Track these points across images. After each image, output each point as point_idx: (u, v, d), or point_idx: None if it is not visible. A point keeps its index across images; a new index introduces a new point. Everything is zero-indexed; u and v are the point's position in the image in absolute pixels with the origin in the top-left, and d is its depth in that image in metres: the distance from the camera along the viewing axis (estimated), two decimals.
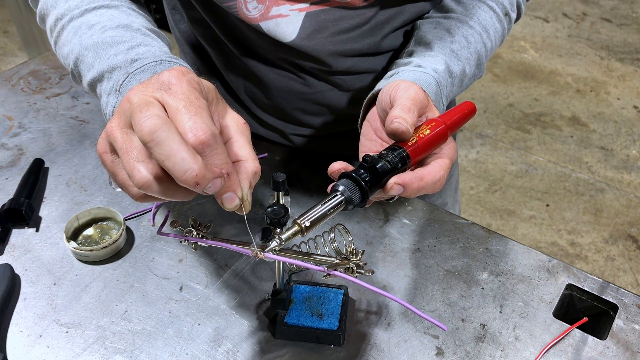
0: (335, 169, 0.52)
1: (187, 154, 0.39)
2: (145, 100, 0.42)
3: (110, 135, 0.43)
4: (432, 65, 0.65)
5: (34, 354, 0.62)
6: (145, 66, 0.53)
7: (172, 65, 0.53)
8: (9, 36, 3.24)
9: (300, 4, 0.69)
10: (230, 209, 0.43)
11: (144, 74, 0.52)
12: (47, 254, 0.73)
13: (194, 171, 0.39)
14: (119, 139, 0.42)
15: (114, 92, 0.54)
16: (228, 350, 0.63)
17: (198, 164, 0.39)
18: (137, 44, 0.56)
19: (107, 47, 0.57)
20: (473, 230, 0.79)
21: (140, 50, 0.56)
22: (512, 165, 2.51)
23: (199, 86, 0.45)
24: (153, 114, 0.40)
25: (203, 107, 0.42)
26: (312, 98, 0.80)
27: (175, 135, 0.39)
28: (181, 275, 0.71)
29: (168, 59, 0.54)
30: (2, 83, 1.03)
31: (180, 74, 0.44)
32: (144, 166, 0.41)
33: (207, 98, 0.46)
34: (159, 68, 0.53)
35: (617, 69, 3.16)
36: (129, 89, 0.51)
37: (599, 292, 0.71)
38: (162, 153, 0.39)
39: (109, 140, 0.44)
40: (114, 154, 0.44)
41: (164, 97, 0.42)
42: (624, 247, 2.17)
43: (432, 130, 0.54)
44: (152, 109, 0.40)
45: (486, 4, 0.73)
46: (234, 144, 0.46)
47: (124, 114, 0.43)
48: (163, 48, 0.57)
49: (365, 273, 0.54)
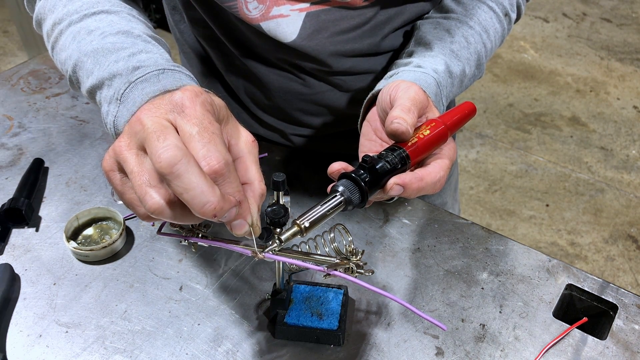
0: (334, 169, 0.52)
1: (207, 187, 0.39)
2: (160, 125, 0.41)
3: (119, 155, 0.43)
4: (432, 65, 0.65)
5: (33, 354, 0.62)
6: (148, 75, 0.51)
7: (175, 73, 0.52)
8: (9, 36, 3.24)
9: (300, 4, 0.69)
10: (240, 235, 0.43)
11: (147, 83, 0.51)
12: (47, 253, 0.73)
13: (213, 204, 0.39)
14: (130, 161, 0.42)
15: (115, 101, 0.52)
16: (228, 350, 0.63)
17: (217, 197, 0.39)
18: (139, 50, 0.55)
19: (108, 53, 0.55)
20: (473, 230, 0.79)
21: (141, 57, 0.54)
22: (512, 165, 2.52)
23: (212, 108, 0.44)
24: (172, 145, 0.39)
25: (217, 132, 0.42)
26: (312, 98, 0.80)
27: (194, 167, 0.39)
28: (181, 275, 0.71)
29: (171, 68, 0.53)
30: (2, 83, 1.03)
31: (194, 96, 0.43)
32: (156, 192, 0.40)
33: (219, 118, 0.45)
34: (162, 77, 0.51)
35: (617, 69, 3.16)
36: (130, 99, 0.50)
37: (599, 292, 0.71)
38: (181, 186, 0.39)
39: (117, 160, 0.43)
40: (122, 174, 0.44)
41: (177, 120, 0.42)
42: (624, 247, 2.17)
43: (432, 130, 0.54)
44: (169, 138, 0.40)
45: (486, 4, 0.73)
46: (241, 164, 0.46)
47: (135, 136, 0.42)
48: (165, 55, 0.56)
49: (365, 273, 0.54)
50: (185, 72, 0.54)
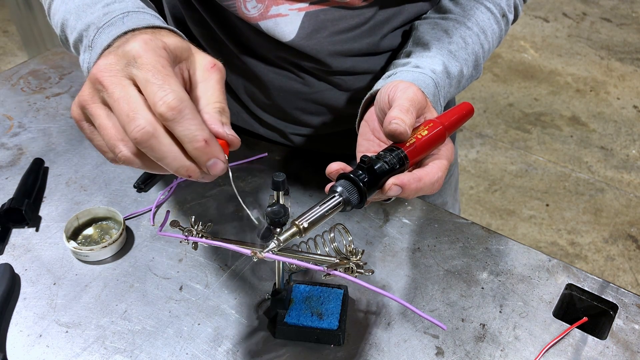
0: (333, 169, 0.52)
1: (179, 154, 0.43)
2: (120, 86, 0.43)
3: (85, 108, 0.45)
4: (430, 65, 0.65)
5: (33, 354, 0.62)
6: (114, 19, 0.53)
7: (139, 14, 0.54)
8: (9, 36, 3.24)
9: (299, 4, 0.69)
10: (217, 173, 0.45)
11: (112, 27, 0.52)
12: (47, 253, 0.73)
13: (185, 167, 0.43)
14: (97, 116, 0.44)
15: (88, 49, 0.54)
16: (228, 350, 0.63)
17: (189, 161, 0.43)
18: (113, 1, 0.57)
19: (86, 7, 0.57)
20: (473, 230, 0.79)
21: (114, 6, 0.56)
22: (512, 165, 2.52)
23: (165, 52, 0.46)
24: (144, 122, 0.42)
25: (170, 74, 0.44)
26: (312, 98, 0.80)
27: (165, 138, 0.42)
28: (181, 275, 0.71)
29: (136, 10, 0.54)
30: (2, 83, 1.03)
31: (144, 44, 0.45)
32: (124, 144, 0.43)
33: (177, 58, 0.47)
34: (126, 19, 0.53)
35: (617, 69, 3.16)
36: (98, 43, 0.52)
37: (599, 291, 0.71)
38: (155, 155, 0.42)
39: (84, 112, 0.46)
40: (89, 123, 0.46)
41: (132, 71, 0.44)
42: (624, 247, 2.17)
43: (430, 131, 0.54)
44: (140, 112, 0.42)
45: (484, 5, 0.73)
46: (199, 91, 0.48)
47: (98, 93, 0.44)
48: (137, 3, 0.57)
49: (365, 273, 0.54)
50: (150, 12, 0.55)
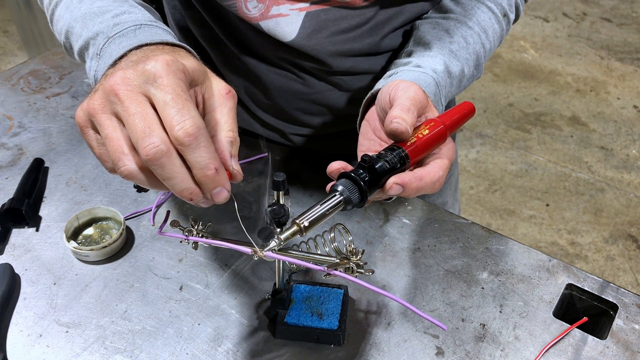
0: (334, 169, 0.52)
1: (187, 176, 0.43)
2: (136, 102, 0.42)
3: (93, 116, 0.44)
4: (431, 65, 0.65)
5: (34, 354, 0.62)
6: (125, 30, 0.53)
7: (152, 28, 0.54)
8: (9, 36, 3.24)
9: (300, 4, 0.69)
10: (220, 202, 0.45)
11: (123, 37, 0.53)
12: (47, 253, 0.73)
13: (190, 190, 0.43)
14: (105, 126, 0.44)
15: (96, 57, 0.54)
16: (228, 350, 0.63)
17: (194, 185, 0.43)
18: (122, 12, 0.57)
19: (94, 16, 0.58)
20: (473, 230, 0.79)
21: (123, 17, 0.56)
22: (512, 165, 2.51)
23: (184, 75, 0.45)
24: (158, 140, 0.41)
25: (189, 99, 0.44)
26: (312, 98, 0.80)
27: (176, 159, 0.42)
28: (181, 275, 0.71)
29: (148, 23, 0.55)
30: (2, 83, 1.03)
31: (166, 65, 0.44)
32: (129, 159, 0.43)
33: (194, 81, 0.47)
34: (139, 32, 0.53)
35: (617, 69, 3.16)
36: (108, 53, 0.52)
37: (599, 291, 0.71)
38: (163, 174, 0.42)
39: (91, 120, 0.45)
40: (94, 131, 0.46)
41: (150, 90, 0.43)
42: (624, 247, 2.17)
43: (431, 130, 0.54)
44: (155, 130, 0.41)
45: (485, 4, 0.73)
46: (212, 118, 0.48)
47: (110, 104, 0.44)
48: (147, 15, 0.58)
49: (365, 273, 0.54)
50: (163, 27, 0.56)
